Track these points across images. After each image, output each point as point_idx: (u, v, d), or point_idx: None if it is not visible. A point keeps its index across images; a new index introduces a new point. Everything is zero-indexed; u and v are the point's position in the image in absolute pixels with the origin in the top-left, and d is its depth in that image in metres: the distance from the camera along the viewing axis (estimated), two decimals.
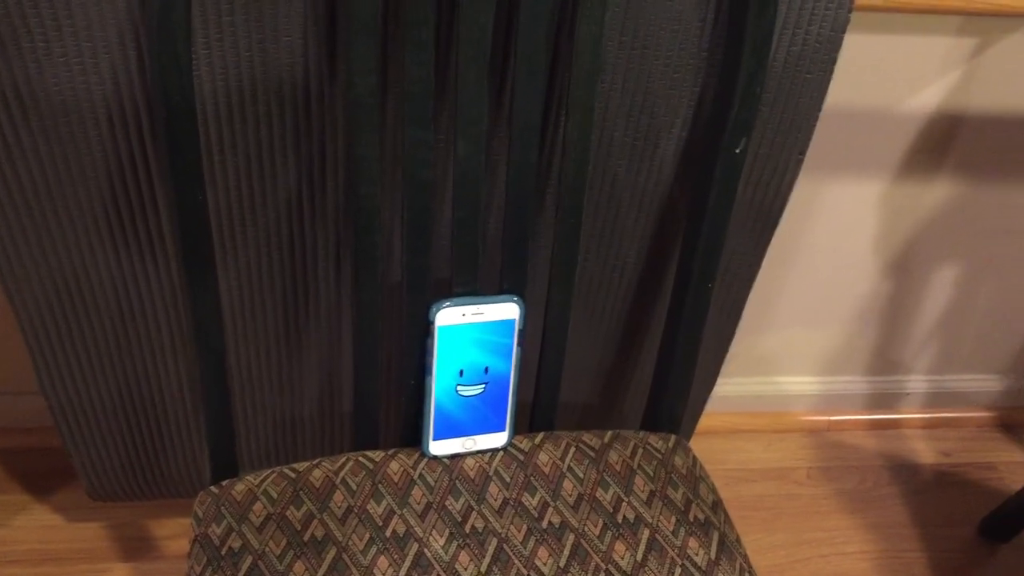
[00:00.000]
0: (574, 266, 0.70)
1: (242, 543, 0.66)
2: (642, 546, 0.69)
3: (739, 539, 0.73)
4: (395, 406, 0.92)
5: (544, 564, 0.67)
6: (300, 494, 0.69)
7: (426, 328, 0.69)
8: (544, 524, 0.70)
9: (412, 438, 0.74)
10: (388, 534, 0.67)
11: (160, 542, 1.11)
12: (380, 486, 0.70)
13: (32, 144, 0.68)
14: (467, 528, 0.69)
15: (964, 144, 1.06)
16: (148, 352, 0.85)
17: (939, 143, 1.05)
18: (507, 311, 0.70)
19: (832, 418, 1.38)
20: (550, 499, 0.71)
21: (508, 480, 0.72)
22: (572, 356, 0.91)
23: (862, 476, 1.32)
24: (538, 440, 0.76)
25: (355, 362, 0.70)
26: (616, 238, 0.81)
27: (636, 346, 0.91)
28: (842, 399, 1.36)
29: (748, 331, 1.24)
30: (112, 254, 0.77)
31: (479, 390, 0.72)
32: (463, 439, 0.73)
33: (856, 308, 1.24)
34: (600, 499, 0.72)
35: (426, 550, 0.67)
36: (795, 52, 0.70)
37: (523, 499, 0.71)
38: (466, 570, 0.66)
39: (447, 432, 0.72)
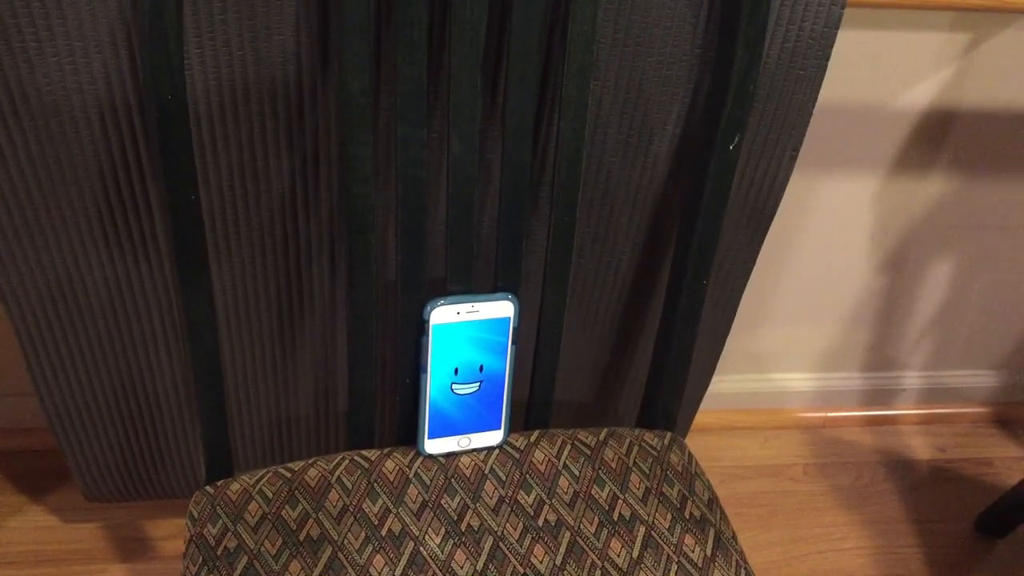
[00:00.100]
0: (568, 264, 0.70)
1: (238, 543, 0.66)
2: (638, 543, 0.69)
3: (735, 536, 0.73)
4: (390, 405, 0.92)
5: (540, 562, 0.67)
6: (295, 494, 0.69)
7: (421, 326, 0.69)
8: (540, 522, 0.70)
9: (407, 437, 0.74)
10: (384, 533, 0.67)
11: (156, 543, 1.11)
12: (376, 485, 0.70)
13: (24, 144, 0.67)
14: (463, 526, 0.69)
15: (958, 140, 1.06)
16: (142, 352, 0.85)
17: (933, 139, 1.05)
18: (502, 309, 0.70)
19: (828, 414, 1.38)
20: (546, 497, 0.71)
21: (504, 478, 0.72)
22: (567, 354, 0.91)
23: (858, 472, 1.32)
24: (533, 438, 0.76)
25: (350, 361, 0.70)
26: (610, 236, 0.81)
27: (631, 343, 0.91)
28: (838, 395, 1.36)
29: (743, 328, 1.24)
30: (105, 254, 0.76)
31: (474, 388, 0.72)
32: (458, 437, 0.73)
33: (851, 305, 1.24)
34: (596, 497, 0.72)
35: (422, 549, 0.67)
36: (788, 49, 0.70)
37: (519, 497, 0.71)
38: (462, 568, 0.66)
39: (442, 431, 0.72)
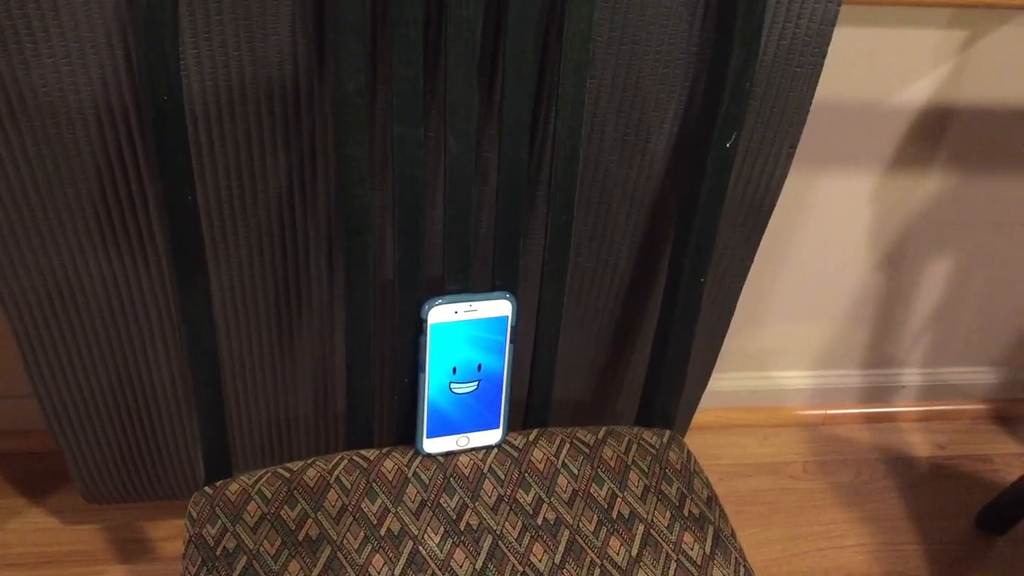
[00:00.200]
0: (566, 262, 0.70)
1: (237, 543, 0.66)
2: (637, 541, 0.69)
3: (734, 533, 0.73)
4: (388, 404, 0.92)
5: (539, 560, 0.67)
6: (294, 494, 0.69)
7: (419, 326, 0.69)
8: (539, 520, 0.70)
9: (406, 436, 0.74)
10: (383, 532, 0.67)
11: (155, 543, 1.11)
12: (374, 485, 0.70)
13: (21, 144, 0.67)
14: (462, 525, 0.69)
15: (955, 137, 1.06)
16: (140, 352, 0.85)
17: (930, 136, 1.05)
18: (499, 308, 0.70)
19: (827, 412, 1.38)
20: (545, 495, 0.71)
21: (502, 477, 0.72)
22: (565, 352, 0.91)
23: (858, 470, 1.32)
24: (532, 437, 0.76)
25: (348, 361, 0.70)
26: (608, 234, 0.81)
27: (629, 342, 0.91)
28: (837, 393, 1.36)
29: (742, 326, 1.24)
30: (102, 254, 0.76)
31: (472, 387, 0.72)
32: (457, 437, 0.73)
33: (850, 302, 1.24)
34: (595, 495, 0.72)
35: (421, 548, 0.67)
36: (785, 46, 0.70)
37: (518, 496, 0.71)
38: (461, 567, 0.66)
39: (441, 430, 0.72)
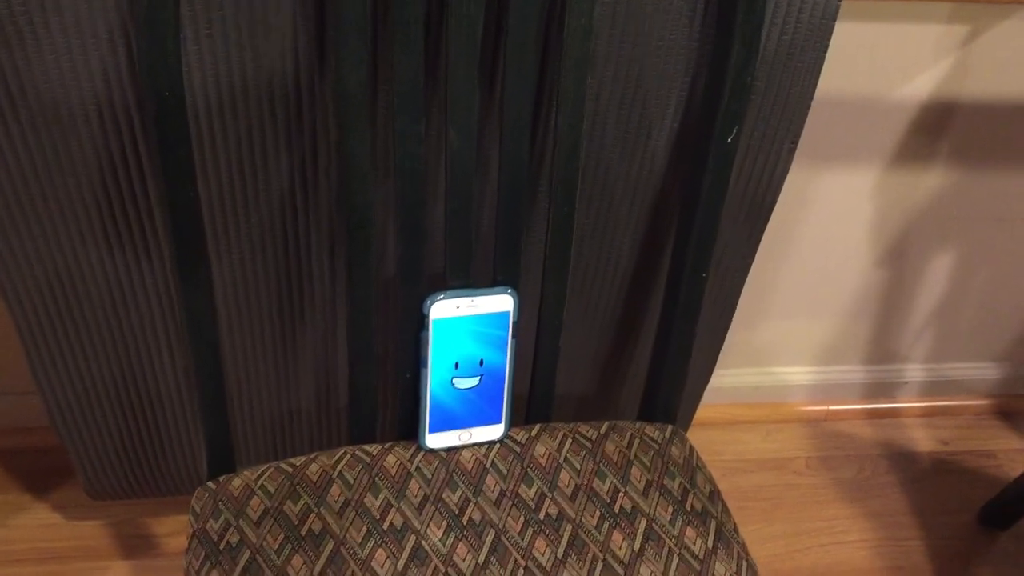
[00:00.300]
0: (568, 257, 0.70)
1: (240, 538, 0.66)
2: (639, 536, 0.69)
3: (736, 528, 0.73)
4: (391, 400, 0.92)
5: (542, 555, 0.67)
6: (297, 488, 0.69)
7: (421, 321, 0.69)
8: (541, 515, 0.70)
9: (408, 431, 0.74)
10: (386, 527, 0.67)
11: (159, 539, 1.11)
12: (377, 479, 0.71)
13: (23, 139, 0.68)
14: (464, 520, 0.69)
15: (957, 132, 1.06)
16: (143, 348, 0.85)
17: (932, 131, 1.05)
18: (501, 303, 0.70)
19: (830, 408, 1.38)
20: (547, 490, 0.72)
21: (505, 472, 0.72)
22: (567, 348, 0.91)
23: (860, 465, 1.32)
24: (534, 432, 0.76)
25: (350, 356, 0.70)
26: (609, 229, 0.81)
27: (631, 337, 0.92)
28: (839, 389, 1.36)
29: (744, 322, 1.24)
30: (105, 250, 0.77)
31: (475, 382, 0.72)
32: (459, 432, 0.73)
33: (852, 297, 1.24)
34: (597, 490, 0.72)
35: (424, 542, 0.67)
36: (786, 41, 0.70)
37: (520, 491, 0.71)
38: (464, 562, 0.66)
39: (443, 425, 0.73)
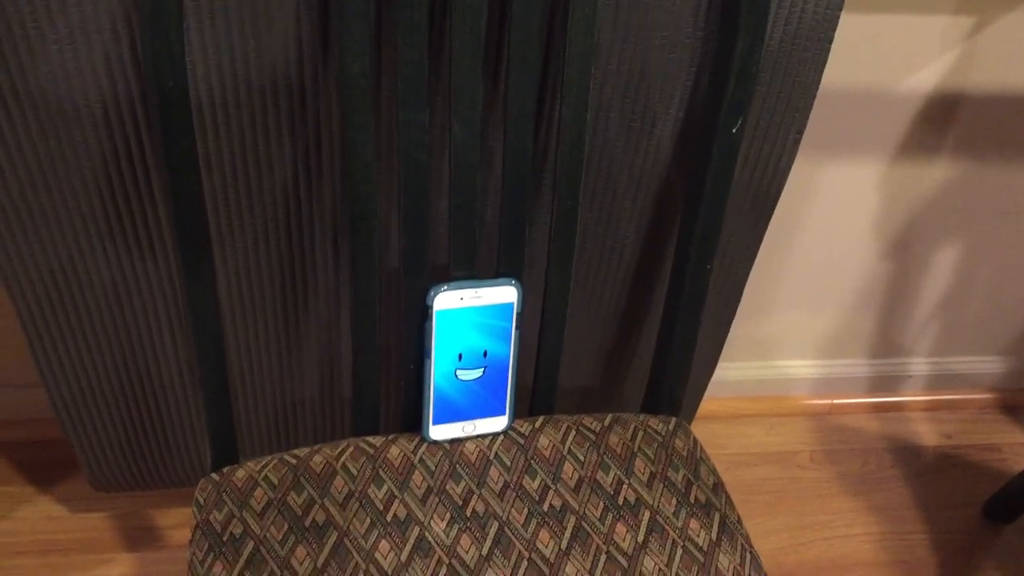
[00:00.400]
0: (572, 249, 0.70)
1: (243, 529, 0.66)
2: (643, 528, 0.69)
3: (740, 520, 0.73)
4: (394, 391, 0.92)
5: (545, 547, 0.67)
6: (301, 480, 0.69)
7: (424, 312, 0.69)
8: (545, 507, 0.70)
9: (412, 423, 0.74)
10: (389, 518, 0.67)
11: (163, 531, 1.12)
12: (380, 471, 0.71)
13: (26, 131, 0.68)
14: (468, 512, 0.69)
15: (962, 124, 1.05)
16: (147, 337, 0.85)
17: (938, 123, 1.05)
18: (505, 294, 0.70)
19: (834, 401, 1.38)
20: (551, 482, 0.72)
21: (508, 464, 0.72)
22: (571, 339, 0.91)
23: (864, 459, 1.32)
24: (538, 424, 0.76)
25: (354, 347, 0.70)
26: (614, 220, 0.81)
27: (635, 329, 0.91)
28: (843, 382, 1.36)
29: (748, 315, 1.24)
30: (108, 241, 0.76)
31: (478, 374, 0.72)
32: (463, 423, 0.73)
33: (856, 291, 1.23)
34: (601, 482, 0.72)
35: (427, 534, 0.67)
36: (791, 31, 0.69)
37: (524, 482, 0.71)
38: (467, 553, 0.66)
39: (447, 416, 0.73)
